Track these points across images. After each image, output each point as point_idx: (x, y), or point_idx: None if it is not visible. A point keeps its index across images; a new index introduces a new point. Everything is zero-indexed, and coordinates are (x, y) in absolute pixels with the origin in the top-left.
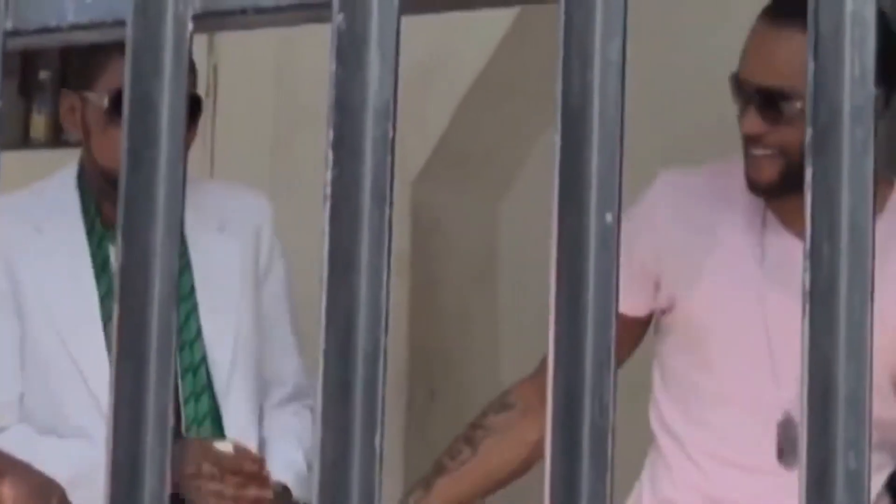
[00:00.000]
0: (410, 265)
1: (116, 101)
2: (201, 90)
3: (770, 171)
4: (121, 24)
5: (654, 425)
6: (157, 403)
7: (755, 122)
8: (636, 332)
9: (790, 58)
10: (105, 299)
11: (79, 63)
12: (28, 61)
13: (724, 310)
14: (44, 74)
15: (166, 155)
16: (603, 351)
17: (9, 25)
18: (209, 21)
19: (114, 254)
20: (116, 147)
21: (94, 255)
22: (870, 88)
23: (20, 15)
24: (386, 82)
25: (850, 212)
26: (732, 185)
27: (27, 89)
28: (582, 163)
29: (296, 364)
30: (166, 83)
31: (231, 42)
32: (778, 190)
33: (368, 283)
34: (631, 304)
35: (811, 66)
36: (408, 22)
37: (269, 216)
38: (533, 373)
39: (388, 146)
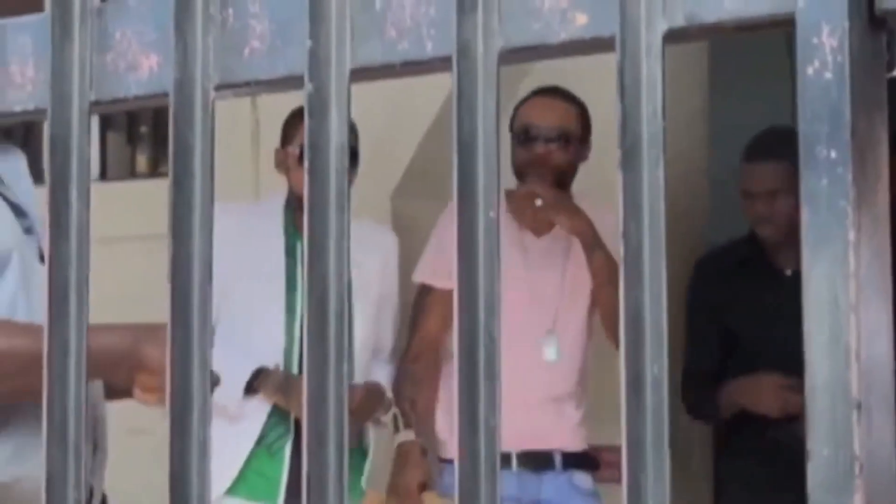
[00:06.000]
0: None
1: (302, 150)
2: (247, 139)
3: None
4: (165, 95)
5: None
6: (200, 356)
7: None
8: None
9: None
10: (288, 269)
11: (286, 130)
12: (133, 120)
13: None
14: (144, 129)
15: (200, 183)
16: (490, 300)
17: (92, 97)
18: (226, 91)
19: (299, 248)
20: (303, 179)
21: (286, 244)
22: (660, 122)
23: (100, 90)
24: (342, 130)
25: (649, 204)
26: None
27: (133, 139)
28: (473, 177)
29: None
30: (198, 134)
31: (269, 101)
32: None
33: (335, 264)
34: None
35: (619, 106)
36: (377, 84)
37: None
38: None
39: (344, 174)
